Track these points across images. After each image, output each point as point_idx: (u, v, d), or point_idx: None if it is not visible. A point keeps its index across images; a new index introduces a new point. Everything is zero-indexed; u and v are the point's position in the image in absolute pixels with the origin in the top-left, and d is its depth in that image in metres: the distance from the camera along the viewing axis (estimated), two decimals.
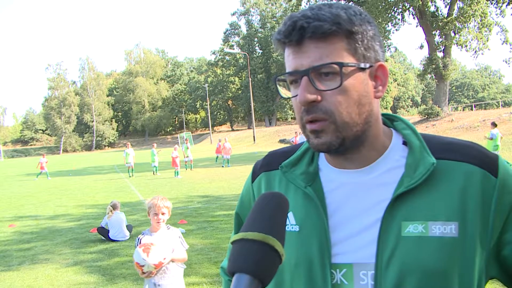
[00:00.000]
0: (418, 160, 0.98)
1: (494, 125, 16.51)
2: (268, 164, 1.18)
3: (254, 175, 1.20)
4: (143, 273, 3.78)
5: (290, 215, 1.05)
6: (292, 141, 28.51)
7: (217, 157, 28.52)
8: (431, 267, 0.92)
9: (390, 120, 1.11)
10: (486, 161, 0.98)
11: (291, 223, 1.05)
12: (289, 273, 1.04)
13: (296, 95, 0.96)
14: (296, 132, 28.04)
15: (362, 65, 0.94)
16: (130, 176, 23.25)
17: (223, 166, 25.33)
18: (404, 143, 1.04)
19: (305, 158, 1.11)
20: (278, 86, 1.03)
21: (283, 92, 1.03)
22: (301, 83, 0.94)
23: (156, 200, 4.02)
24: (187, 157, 25.09)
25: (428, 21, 33.58)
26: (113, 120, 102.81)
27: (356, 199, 1.01)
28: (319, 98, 0.93)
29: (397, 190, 0.96)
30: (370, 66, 0.96)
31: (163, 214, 3.99)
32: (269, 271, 0.73)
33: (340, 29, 0.91)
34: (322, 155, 1.10)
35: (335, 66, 0.91)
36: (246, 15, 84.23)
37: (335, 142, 0.95)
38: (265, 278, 0.73)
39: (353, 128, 0.95)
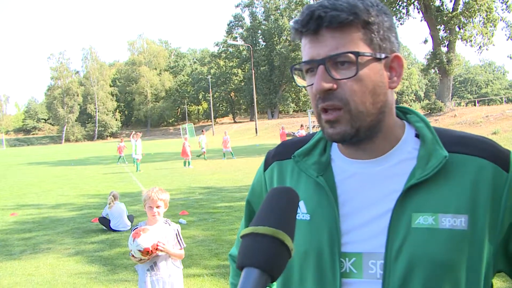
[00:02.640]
0: (430, 153, 0.99)
1: None
2: (281, 153, 1.19)
3: (267, 163, 1.21)
4: (134, 257, 3.73)
5: (302, 204, 1.06)
6: (298, 134, 28.35)
7: None
8: (440, 259, 0.93)
9: (403, 113, 1.11)
10: (498, 156, 0.98)
11: (302, 211, 1.06)
12: (298, 261, 1.05)
13: (312, 84, 0.96)
14: (302, 125, 27.90)
15: (378, 55, 0.95)
16: (137, 171, 21.31)
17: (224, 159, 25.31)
18: (417, 135, 1.05)
19: (318, 148, 1.11)
20: (294, 75, 1.04)
21: (299, 81, 1.04)
22: (318, 72, 0.94)
23: (151, 192, 3.85)
24: (202, 148, 25.17)
25: (433, 16, 33.40)
26: (117, 110, 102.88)
27: (368, 189, 1.01)
28: (335, 86, 0.94)
29: (409, 182, 0.97)
30: (386, 57, 0.97)
31: (158, 207, 3.83)
32: (279, 265, 0.73)
33: (357, 19, 0.93)
34: (334, 144, 1.11)
35: (351, 55, 0.93)
36: (250, 7, 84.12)
37: (349, 131, 0.96)
38: (274, 273, 0.72)
39: (367, 117, 0.96)
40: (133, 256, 3.74)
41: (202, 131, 26.79)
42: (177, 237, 3.87)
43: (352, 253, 0.99)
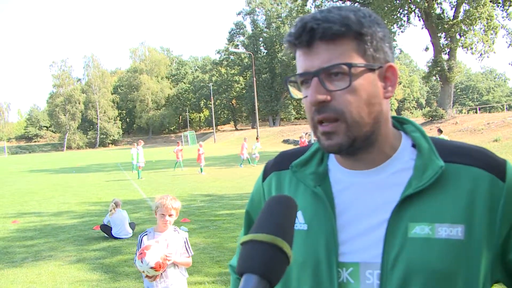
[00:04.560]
0: (426, 163, 0.99)
1: (440, 131, 17.12)
2: (279, 163, 1.20)
3: (265, 174, 1.22)
4: (149, 277, 3.71)
5: (299, 214, 1.07)
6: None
7: None
8: (437, 269, 0.93)
9: (400, 123, 1.12)
10: (495, 165, 0.99)
11: (300, 221, 1.06)
12: (296, 271, 1.06)
13: (307, 96, 0.97)
14: (307, 134, 27.81)
15: (372, 66, 0.96)
16: (139, 178, 21.19)
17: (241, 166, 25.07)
18: (413, 145, 1.05)
19: (315, 158, 1.12)
20: (289, 87, 1.05)
21: (295, 93, 1.05)
22: (312, 84, 0.95)
23: (165, 200, 3.83)
24: (254, 154, 25.56)
25: (434, 23, 33.46)
26: (118, 118, 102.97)
27: (365, 199, 1.02)
28: (329, 98, 0.95)
29: (405, 192, 0.97)
30: (380, 67, 0.98)
31: (170, 215, 3.82)
32: (277, 272, 0.74)
33: (349, 30, 0.93)
34: (331, 155, 1.11)
35: (344, 66, 0.93)
36: (252, 15, 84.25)
37: (345, 143, 0.96)
38: (273, 279, 0.74)
39: (363, 128, 0.96)
40: (147, 276, 3.71)
41: (257, 138, 26.70)
42: (185, 245, 3.88)
43: (349, 263, 0.99)
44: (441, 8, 34.96)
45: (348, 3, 34.98)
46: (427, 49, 36.76)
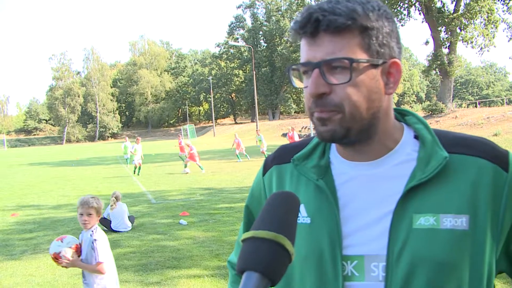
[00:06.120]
0: (430, 154, 0.99)
1: None
2: (280, 157, 1.19)
3: (266, 168, 1.21)
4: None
5: (302, 207, 1.06)
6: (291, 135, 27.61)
7: None
8: (442, 259, 0.93)
9: (401, 115, 1.11)
10: (498, 156, 0.99)
11: (303, 215, 1.06)
12: (299, 265, 1.05)
13: (307, 86, 0.96)
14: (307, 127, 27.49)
15: (374, 62, 0.95)
16: (135, 173, 20.60)
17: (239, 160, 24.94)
18: (416, 137, 1.05)
19: (317, 152, 1.11)
20: (291, 75, 1.03)
21: (296, 82, 1.04)
22: (312, 75, 0.94)
23: (82, 200, 3.77)
24: (262, 147, 24.71)
25: (434, 17, 33.41)
26: (117, 111, 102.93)
27: (368, 191, 1.01)
28: (329, 91, 0.94)
29: (409, 183, 0.97)
30: (383, 63, 0.96)
31: (89, 215, 3.74)
32: (279, 269, 0.73)
33: (355, 24, 0.92)
34: (333, 148, 1.11)
35: (346, 61, 0.92)
36: (252, 8, 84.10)
37: (339, 131, 0.96)
38: (274, 277, 0.73)
39: (359, 121, 0.95)
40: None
41: (257, 130, 26.59)
42: (93, 249, 3.66)
43: (353, 256, 0.99)
44: (441, 1, 34.92)
45: None
46: (427, 43, 36.74)
